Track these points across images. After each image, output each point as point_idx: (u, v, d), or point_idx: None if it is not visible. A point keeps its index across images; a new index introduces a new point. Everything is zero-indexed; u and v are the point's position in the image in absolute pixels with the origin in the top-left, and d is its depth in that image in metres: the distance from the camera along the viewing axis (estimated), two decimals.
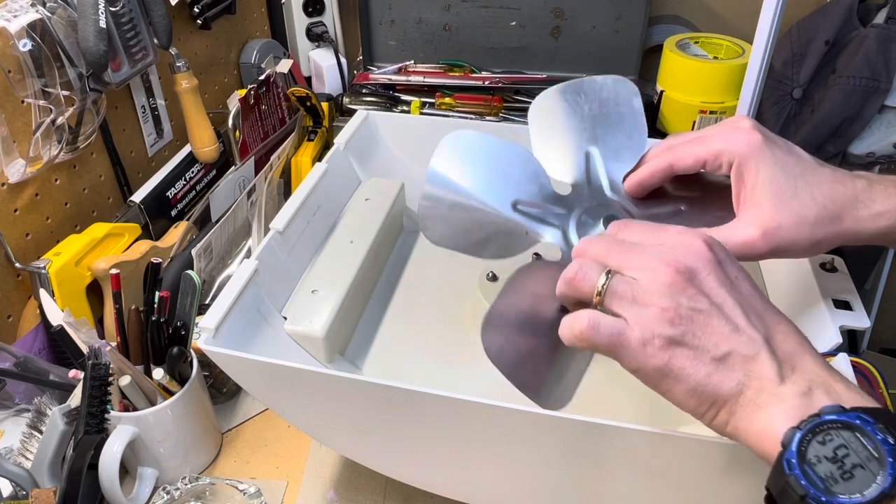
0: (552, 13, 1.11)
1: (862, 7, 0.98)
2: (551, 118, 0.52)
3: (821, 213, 0.42)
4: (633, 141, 0.51)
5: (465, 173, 0.50)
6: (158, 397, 0.63)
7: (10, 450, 0.62)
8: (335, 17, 1.20)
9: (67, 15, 0.69)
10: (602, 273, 0.37)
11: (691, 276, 0.36)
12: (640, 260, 0.37)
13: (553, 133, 0.52)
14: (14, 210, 0.70)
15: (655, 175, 0.47)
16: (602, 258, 0.38)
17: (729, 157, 0.43)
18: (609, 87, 0.53)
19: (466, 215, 0.49)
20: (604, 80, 0.53)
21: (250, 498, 0.61)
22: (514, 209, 0.49)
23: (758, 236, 0.42)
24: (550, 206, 0.49)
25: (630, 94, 0.53)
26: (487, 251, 0.49)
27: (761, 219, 0.42)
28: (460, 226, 0.50)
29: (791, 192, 0.42)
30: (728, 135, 0.44)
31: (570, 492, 0.50)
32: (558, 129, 0.52)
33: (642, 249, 0.37)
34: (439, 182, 0.51)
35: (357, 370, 0.61)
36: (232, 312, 0.52)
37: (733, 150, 0.43)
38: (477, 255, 0.49)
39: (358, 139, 0.74)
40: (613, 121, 0.52)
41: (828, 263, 0.53)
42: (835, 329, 0.48)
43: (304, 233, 0.63)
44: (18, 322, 0.72)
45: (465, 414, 0.45)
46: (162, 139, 0.93)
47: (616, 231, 0.41)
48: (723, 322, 0.35)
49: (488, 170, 0.50)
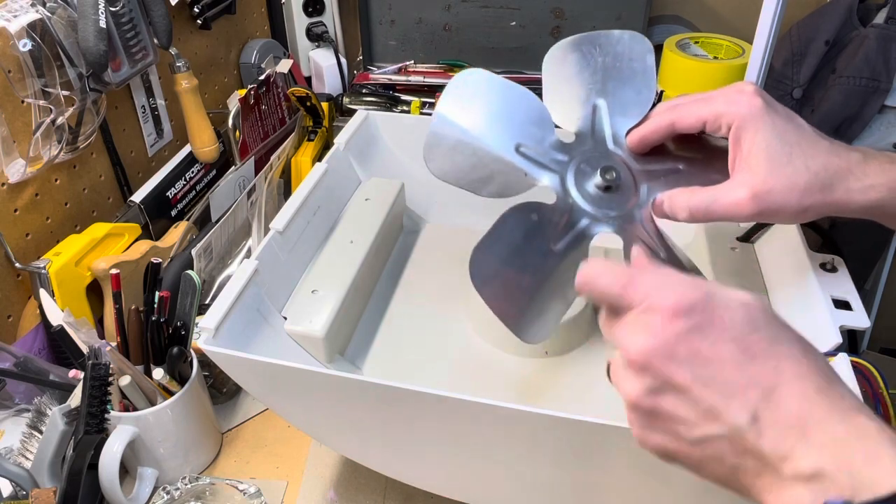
0: (552, 13, 1.11)
1: (862, 7, 0.98)
2: (564, 68, 0.53)
3: (812, 180, 0.42)
4: (640, 97, 0.51)
5: (471, 112, 0.51)
6: (158, 397, 0.63)
7: (10, 450, 0.62)
8: (335, 17, 1.20)
9: (67, 15, 0.69)
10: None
11: (646, 364, 0.33)
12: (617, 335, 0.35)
13: (564, 83, 0.53)
14: (14, 210, 0.70)
15: (658, 132, 0.47)
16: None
17: (728, 119, 0.44)
18: (625, 42, 0.53)
19: (469, 153, 0.50)
20: (621, 34, 0.53)
21: (250, 498, 0.61)
22: (516, 151, 0.50)
23: (748, 198, 0.42)
24: (553, 151, 0.50)
25: (644, 51, 0.52)
26: (486, 189, 0.49)
27: (753, 181, 0.42)
28: (462, 163, 0.50)
29: (786, 159, 0.42)
30: (730, 97, 0.44)
31: (570, 491, 0.50)
32: (569, 80, 0.53)
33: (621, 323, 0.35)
34: (445, 122, 0.51)
35: (357, 370, 0.61)
36: (232, 312, 0.52)
37: (734, 112, 0.43)
38: (476, 192, 0.49)
39: (358, 139, 0.74)
40: (626, 75, 0.52)
41: (828, 263, 0.53)
42: (835, 329, 0.47)
43: (305, 233, 0.63)
44: (18, 322, 0.72)
45: (465, 414, 0.45)
46: (162, 139, 0.93)
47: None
48: (690, 407, 0.32)
49: (493, 110, 0.51)
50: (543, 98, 0.53)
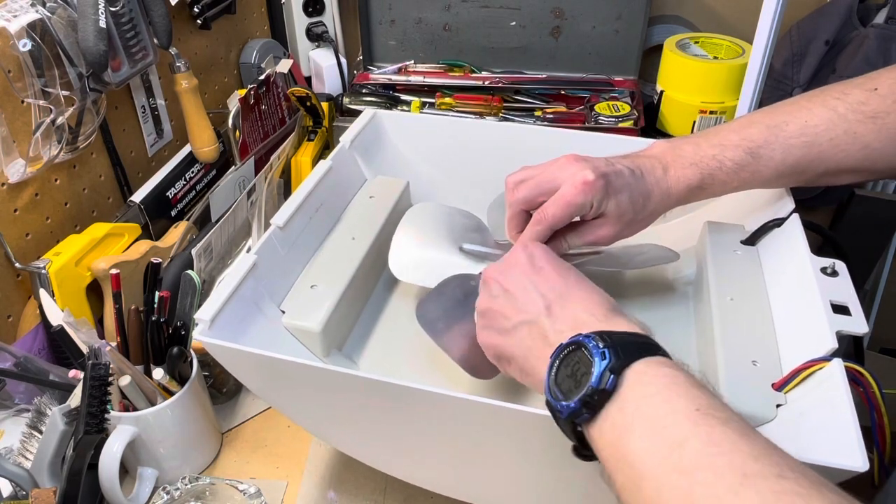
0: (552, 13, 1.11)
1: (862, 7, 0.98)
2: (498, 212, 0.65)
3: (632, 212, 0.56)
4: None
5: (420, 232, 0.66)
6: (158, 397, 0.63)
7: (10, 450, 0.62)
8: (335, 17, 1.20)
9: (67, 15, 0.69)
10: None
11: (486, 279, 0.51)
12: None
13: (499, 217, 0.64)
14: (14, 210, 0.70)
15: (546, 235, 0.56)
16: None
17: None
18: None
19: (423, 262, 0.63)
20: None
21: (250, 498, 0.61)
22: (460, 251, 0.63)
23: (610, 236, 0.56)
24: (494, 248, 0.64)
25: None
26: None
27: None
28: (422, 268, 0.63)
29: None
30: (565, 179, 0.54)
31: (569, 491, 0.50)
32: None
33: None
34: (403, 238, 0.65)
35: (353, 365, 0.61)
36: (228, 305, 0.52)
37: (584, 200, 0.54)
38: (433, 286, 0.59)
39: (364, 137, 0.74)
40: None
41: (829, 268, 0.53)
42: (831, 334, 0.47)
43: (306, 229, 0.64)
44: (18, 322, 0.72)
45: (461, 412, 0.45)
46: (162, 139, 0.93)
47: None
48: (510, 304, 0.48)
49: (436, 226, 0.66)
50: (490, 227, 0.68)
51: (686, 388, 0.37)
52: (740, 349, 0.51)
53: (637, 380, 0.38)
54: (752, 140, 0.55)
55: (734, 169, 0.55)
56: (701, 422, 0.34)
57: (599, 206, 0.53)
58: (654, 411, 0.36)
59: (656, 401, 0.36)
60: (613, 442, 0.37)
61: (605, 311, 0.44)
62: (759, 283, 0.58)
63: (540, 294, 0.47)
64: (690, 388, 0.37)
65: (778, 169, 0.55)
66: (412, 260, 0.64)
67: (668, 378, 0.37)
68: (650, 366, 0.38)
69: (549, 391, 0.40)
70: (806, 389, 0.46)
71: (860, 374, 0.44)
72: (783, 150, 0.55)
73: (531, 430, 0.44)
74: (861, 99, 0.54)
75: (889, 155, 0.53)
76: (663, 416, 0.36)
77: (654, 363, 0.38)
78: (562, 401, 0.39)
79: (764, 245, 0.61)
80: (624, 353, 0.38)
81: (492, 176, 0.66)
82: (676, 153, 0.57)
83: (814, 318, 0.50)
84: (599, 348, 0.38)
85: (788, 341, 0.52)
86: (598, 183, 0.52)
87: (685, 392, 0.36)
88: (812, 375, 0.46)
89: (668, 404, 0.36)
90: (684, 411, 0.35)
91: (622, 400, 0.37)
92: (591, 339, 0.39)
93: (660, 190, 0.56)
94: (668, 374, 0.38)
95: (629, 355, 0.38)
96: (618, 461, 0.36)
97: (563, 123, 1.03)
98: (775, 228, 0.61)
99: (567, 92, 1.10)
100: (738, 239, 0.62)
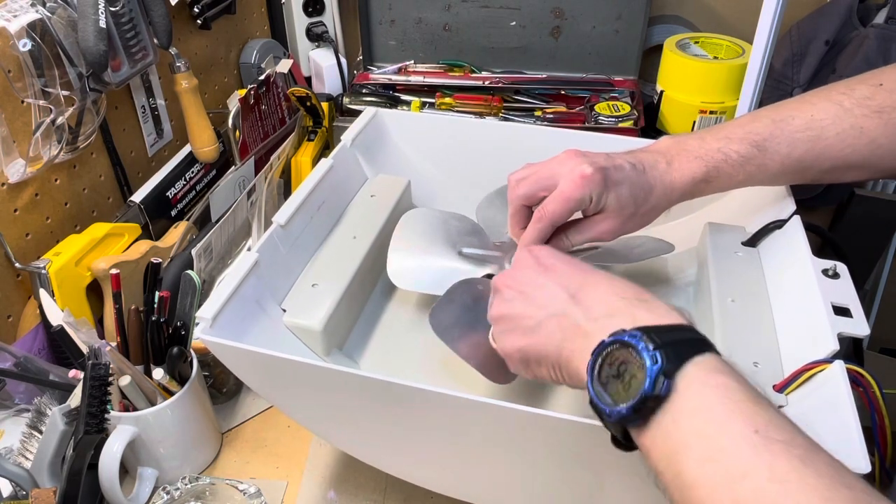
0: (552, 13, 1.11)
1: (862, 7, 0.98)
2: (490, 210, 0.68)
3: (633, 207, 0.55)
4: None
5: (416, 240, 0.66)
6: (158, 397, 0.63)
7: (10, 450, 0.62)
8: (335, 17, 1.20)
9: (67, 15, 0.69)
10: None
11: (496, 286, 0.50)
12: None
13: (492, 217, 0.68)
14: (14, 210, 0.70)
15: (547, 232, 0.57)
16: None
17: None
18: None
19: (425, 268, 0.64)
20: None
21: (250, 498, 0.61)
22: (459, 255, 0.64)
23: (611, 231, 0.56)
24: (492, 250, 0.64)
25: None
26: (444, 287, 0.60)
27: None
28: (424, 275, 0.63)
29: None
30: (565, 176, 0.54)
31: (569, 491, 0.50)
32: (494, 216, 0.67)
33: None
34: (400, 247, 0.65)
35: (354, 364, 0.61)
36: (230, 303, 0.52)
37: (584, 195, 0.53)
38: (438, 292, 0.60)
39: (366, 136, 0.74)
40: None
41: (830, 270, 0.53)
42: (832, 336, 0.47)
43: (307, 227, 0.64)
44: (18, 322, 0.72)
45: (462, 412, 0.45)
46: (162, 139, 0.93)
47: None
48: (528, 304, 0.46)
49: (432, 232, 0.66)
50: (483, 227, 0.68)
51: (742, 403, 0.35)
52: (741, 351, 0.51)
53: (690, 388, 0.36)
54: (758, 133, 0.55)
55: (740, 162, 0.55)
56: (762, 448, 0.32)
57: (599, 199, 0.53)
58: (712, 430, 0.34)
59: (713, 417, 0.34)
60: (668, 455, 0.35)
61: (635, 292, 0.42)
62: (760, 284, 0.58)
63: (559, 287, 0.45)
64: (745, 401, 0.35)
65: (784, 163, 0.55)
66: (412, 268, 0.63)
67: (722, 389, 0.35)
68: (701, 371, 0.36)
69: (592, 391, 0.38)
70: (807, 391, 0.46)
71: (861, 376, 0.44)
72: (789, 144, 0.55)
73: (533, 431, 0.44)
74: (866, 94, 0.54)
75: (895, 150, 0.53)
76: (721, 435, 0.34)
77: (706, 368, 0.36)
78: (610, 405, 0.37)
79: (765, 246, 0.61)
80: (675, 354, 0.36)
81: (492, 175, 0.66)
82: (681, 147, 0.57)
83: (815, 319, 0.50)
84: (650, 350, 0.36)
85: (789, 343, 0.52)
86: (597, 176, 0.52)
87: (742, 408, 0.34)
88: (813, 377, 0.46)
89: (725, 424, 0.34)
90: (742, 434, 0.33)
91: (675, 411, 0.35)
92: (638, 339, 0.37)
93: (662, 184, 0.55)
94: (721, 383, 0.35)
95: (680, 356, 0.36)
96: (674, 478, 0.35)
97: (563, 123, 1.03)
98: (776, 230, 0.61)
99: (567, 92, 1.10)
100: (740, 240, 0.62)
